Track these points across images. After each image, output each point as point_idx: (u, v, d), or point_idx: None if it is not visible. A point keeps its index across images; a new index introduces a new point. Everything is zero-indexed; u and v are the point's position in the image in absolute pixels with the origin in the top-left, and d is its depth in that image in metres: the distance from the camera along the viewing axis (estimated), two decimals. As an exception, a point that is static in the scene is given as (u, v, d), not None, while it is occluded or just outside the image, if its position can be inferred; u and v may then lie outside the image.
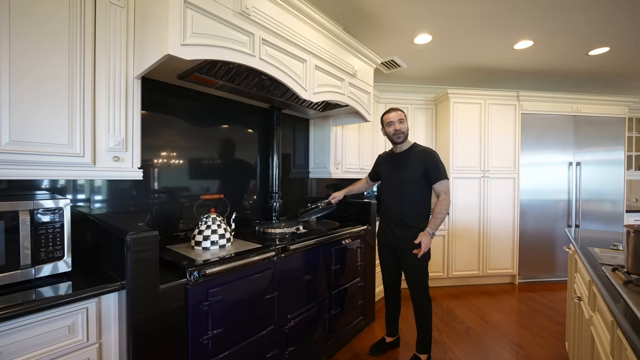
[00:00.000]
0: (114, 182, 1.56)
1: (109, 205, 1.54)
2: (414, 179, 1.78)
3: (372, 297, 2.38)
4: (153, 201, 1.69)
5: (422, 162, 1.76)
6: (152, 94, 1.66)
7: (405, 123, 1.82)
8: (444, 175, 1.75)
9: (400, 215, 1.81)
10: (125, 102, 1.29)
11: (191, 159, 1.85)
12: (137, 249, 1.00)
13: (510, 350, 2.00)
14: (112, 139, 1.25)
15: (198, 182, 1.89)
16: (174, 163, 1.77)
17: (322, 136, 2.60)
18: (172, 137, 1.76)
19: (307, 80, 1.69)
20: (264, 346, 1.45)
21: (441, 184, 1.75)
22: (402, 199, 1.81)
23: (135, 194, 1.63)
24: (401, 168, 1.83)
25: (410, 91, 3.60)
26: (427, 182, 1.77)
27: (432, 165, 1.74)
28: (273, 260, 1.50)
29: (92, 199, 1.50)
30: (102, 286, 1.00)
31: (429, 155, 1.77)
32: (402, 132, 1.80)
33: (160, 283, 1.08)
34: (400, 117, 1.81)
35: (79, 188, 1.46)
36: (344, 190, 2.22)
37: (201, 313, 1.18)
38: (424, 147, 1.83)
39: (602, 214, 3.32)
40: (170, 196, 1.76)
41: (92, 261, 1.28)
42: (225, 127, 2.03)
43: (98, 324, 1.01)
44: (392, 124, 1.81)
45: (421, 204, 1.80)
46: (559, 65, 2.97)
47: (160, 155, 1.71)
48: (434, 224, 1.70)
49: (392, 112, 1.83)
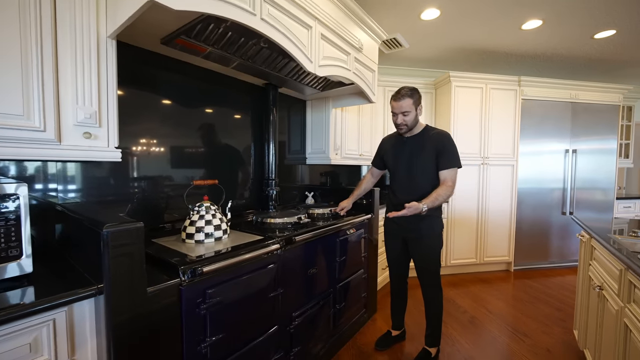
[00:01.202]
0: (88, 168, 1.32)
1: (83, 194, 1.31)
2: (428, 164, 1.62)
3: (374, 288, 2.28)
4: (134, 189, 1.47)
5: (435, 146, 1.61)
6: (133, 64, 1.41)
7: (410, 114, 1.59)
8: (456, 162, 1.60)
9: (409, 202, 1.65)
10: (97, 66, 1.05)
11: (177, 142, 1.62)
12: (117, 245, 0.80)
13: (517, 340, 1.96)
14: (82, 111, 1.02)
15: (184, 168, 1.66)
16: (157, 147, 1.54)
17: (321, 119, 2.41)
18: (154, 117, 1.52)
19: (313, 51, 1.49)
20: (268, 349, 1.29)
21: (450, 171, 1.59)
22: (414, 186, 1.66)
23: (113, 181, 1.40)
24: (414, 152, 1.67)
25: (410, 74, 3.45)
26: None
27: (447, 149, 1.59)
28: (277, 253, 1.33)
29: (62, 187, 1.26)
30: (73, 292, 0.80)
31: (444, 139, 1.62)
32: (405, 125, 1.62)
33: (148, 285, 0.89)
34: (404, 110, 1.58)
35: (46, 174, 1.22)
36: (352, 197, 1.98)
37: (198, 318, 1.00)
38: (439, 130, 1.67)
39: (594, 201, 3.36)
40: (153, 184, 1.53)
41: (61, 260, 1.06)
42: (215, 106, 1.80)
43: (70, 338, 0.81)
44: (395, 115, 1.62)
45: (430, 190, 1.61)
46: (561, 49, 2.89)
47: (142, 137, 1.47)
48: (429, 201, 1.51)
49: (397, 102, 1.59)
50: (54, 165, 1.24)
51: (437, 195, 1.55)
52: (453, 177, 1.59)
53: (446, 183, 1.58)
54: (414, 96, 1.60)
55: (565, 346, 1.88)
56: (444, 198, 1.56)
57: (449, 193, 1.58)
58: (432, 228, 1.66)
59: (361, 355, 1.81)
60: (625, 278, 1.15)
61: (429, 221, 1.64)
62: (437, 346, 1.77)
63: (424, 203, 1.51)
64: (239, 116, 1.95)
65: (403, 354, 1.83)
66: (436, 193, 1.55)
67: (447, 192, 1.57)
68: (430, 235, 1.66)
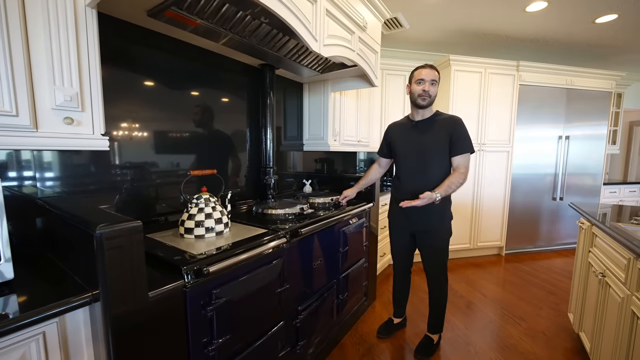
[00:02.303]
0: (72, 156, 1.19)
1: (67, 184, 1.18)
2: (440, 150, 1.55)
3: (374, 276, 2.27)
4: (122, 179, 1.34)
5: (447, 130, 1.54)
6: (116, 40, 1.25)
7: (436, 86, 1.56)
8: (469, 147, 1.54)
9: (420, 190, 1.56)
10: (76, 40, 0.91)
11: (168, 127, 1.48)
12: (113, 247, 0.70)
13: (513, 323, 2.01)
14: (60, 92, 0.88)
15: (177, 155, 1.54)
16: (146, 133, 1.40)
17: (319, 103, 2.30)
18: (142, 100, 1.37)
19: (318, 28, 1.37)
20: (274, 345, 1.25)
21: (463, 157, 1.54)
22: (425, 174, 1.58)
23: (99, 170, 1.27)
24: (424, 137, 1.59)
25: (409, 57, 3.34)
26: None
27: (460, 133, 1.53)
28: (283, 247, 1.26)
29: (42, 176, 1.12)
30: (65, 301, 0.71)
31: (456, 124, 1.55)
32: (429, 96, 1.54)
33: (150, 289, 0.80)
34: (433, 78, 1.53)
35: (23, 162, 1.08)
36: (357, 187, 1.91)
37: (204, 320, 0.93)
38: (450, 115, 1.61)
39: (583, 187, 3.44)
40: (143, 173, 1.41)
41: (45, 262, 0.95)
42: (208, 88, 1.65)
43: (63, 351, 0.73)
44: (422, 82, 1.53)
45: (442, 178, 1.57)
46: (562, 34, 2.85)
47: (130, 122, 1.33)
48: (442, 190, 1.48)
49: (427, 69, 1.54)
50: (32, 154, 1.10)
51: (450, 183, 1.49)
52: (466, 163, 1.54)
53: (459, 170, 1.53)
54: (440, 72, 1.61)
55: (560, 329, 1.94)
56: (457, 186, 1.51)
57: (462, 180, 1.52)
58: (442, 219, 1.62)
59: (363, 342, 1.81)
60: (634, 267, 1.15)
61: (440, 212, 1.59)
62: (440, 332, 1.78)
63: (437, 192, 1.47)
64: (234, 99, 1.81)
65: (405, 341, 1.84)
66: (449, 181, 1.50)
67: (460, 180, 1.51)
68: (440, 227, 1.63)
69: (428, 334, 1.77)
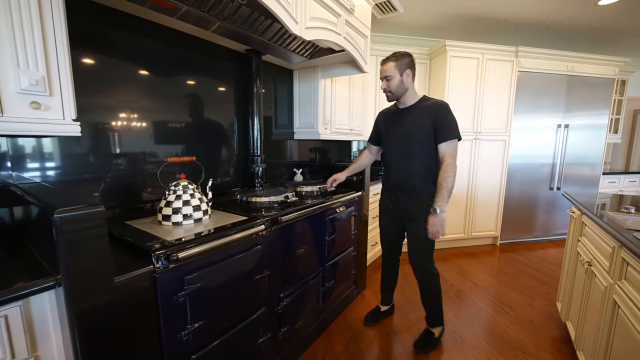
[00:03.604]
0: (56, 143, 1.18)
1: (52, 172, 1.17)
2: (423, 137, 1.50)
3: (364, 264, 2.27)
4: (108, 167, 1.33)
5: (431, 116, 1.48)
6: (93, 25, 1.22)
7: (393, 80, 1.49)
8: (453, 133, 1.46)
9: (406, 182, 1.57)
10: (40, 21, 0.88)
11: (154, 115, 1.46)
12: (73, 231, 0.70)
13: (501, 312, 2.01)
14: (25, 76, 0.86)
15: (163, 144, 1.52)
16: (132, 121, 1.38)
17: (309, 90, 2.26)
18: (127, 87, 1.35)
19: (298, 10, 1.33)
20: (255, 331, 1.26)
21: (448, 144, 1.46)
22: (408, 162, 1.55)
23: (84, 158, 1.25)
24: (407, 125, 1.55)
25: (404, 43, 3.26)
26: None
27: (444, 119, 1.46)
28: (262, 234, 1.26)
29: (20, 164, 1.11)
30: (27, 285, 0.71)
31: (439, 109, 1.48)
32: (389, 91, 1.51)
33: (116, 274, 0.80)
34: (386, 74, 1.48)
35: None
36: (347, 171, 1.86)
37: (176, 306, 0.94)
38: (435, 100, 1.53)
39: (582, 177, 3.39)
40: (129, 160, 1.40)
41: (17, 249, 0.95)
42: (193, 76, 1.62)
43: (28, 334, 0.73)
44: (382, 80, 1.53)
45: (434, 167, 1.52)
46: (562, 17, 2.75)
47: (114, 110, 1.31)
48: (440, 199, 1.42)
49: (381, 66, 1.51)
50: (7, 141, 1.09)
51: (440, 187, 1.43)
52: (452, 151, 1.46)
53: (445, 160, 1.46)
54: (399, 60, 1.48)
55: (548, 317, 1.94)
56: (449, 184, 1.42)
57: (451, 172, 1.44)
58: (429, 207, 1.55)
59: (350, 330, 1.83)
60: (618, 255, 1.13)
61: (427, 200, 1.53)
62: (441, 325, 1.72)
63: (438, 204, 1.41)
64: (220, 87, 1.78)
65: (392, 329, 1.85)
66: (438, 186, 1.44)
67: (448, 173, 1.43)
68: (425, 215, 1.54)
69: (429, 327, 1.72)
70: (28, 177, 1.13)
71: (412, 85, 1.53)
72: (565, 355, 1.60)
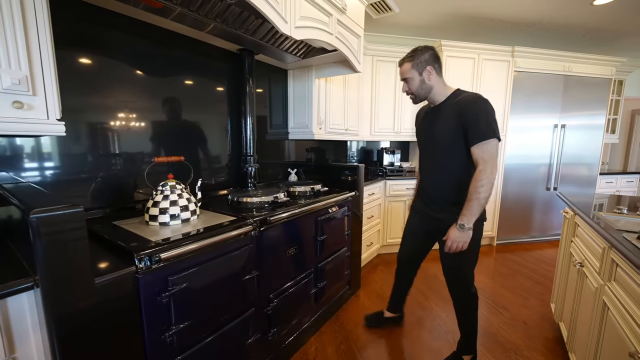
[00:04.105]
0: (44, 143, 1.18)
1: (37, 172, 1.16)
2: (450, 140, 1.28)
3: (358, 265, 2.26)
4: (99, 167, 1.33)
5: (457, 114, 1.25)
6: (82, 25, 1.21)
7: (413, 81, 1.34)
8: (485, 132, 1.20)
9: (431, 189, 1.41)
10: (23, 20, 0.88)
11: (145, 115, 1.45)
12: (51, 232, 0.69)
13: (495, 313, 2.00)
14: (7, 75, 0.86)
15: (155, 143, 1.51)
16: (124, 121, 1.38)
17: (303, 90, 2.25)
18: (120, 87, 1.34)
19: (288, 9, 1.32)
20: (243, 332, 1.25)
21: (480, 146, 1.20)
22: (433, 168, 1.39)
23: (74, 158, 1.25)
24: (435, 125, 1.35)
25: (400, 43, 3.25)
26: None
27: (474, 115, 1.21)
28: (251, 235, 1.25)
29: (7, 163, 1.11)
30: (4, 285, 0.70)
31: (468, 105, 1.23)
32: (412, 94, 1.38)
33: (97, 274, 0.79)
34: (404, 76, 1.36)
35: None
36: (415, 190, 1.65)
37: (160, 307, 0.93)
38: (465, 94, 1.29)
39: (579, 177, 3.38)
40: (120, 160, 1.39)
41: (1, 250, 0.94)
42: (185, 76, 1.61)
43: (6, 335, 0.73)
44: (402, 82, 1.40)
45: (467, 175, 1.27)
46: (558, 17, 2.74)
47: (106, 110, 1.31)
48: (468, 212, 1.21)
49: (399, 67, 1.39)
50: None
51: (474, 194, 1.20)
52: (485, 154, 1.20)
53: (478, 165, 1.21)
54: (415, 58, 1.32)
55: (542, 318, 1.93)
56: (480, 195, 1.20)
57: (485, 180, 1.19)
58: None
59: (343, 330, 1.82)
60: (607, 256, 1.12)
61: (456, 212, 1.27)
62: (472, 354, 1.51)
63: (465, 218, 1.21)
64: (213, 87, 1.77)
65: (386, 331, 1.83)
66: (468, 195, 1.22)
67: (482, 181, 1.19)
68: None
69: (456, 351, 1.53)
70: (16, 177, 1.13)
71: (438, 82, 1.34)
72: (558, 356, 1.59)
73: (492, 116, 1.24)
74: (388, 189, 2.86)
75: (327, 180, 2.22)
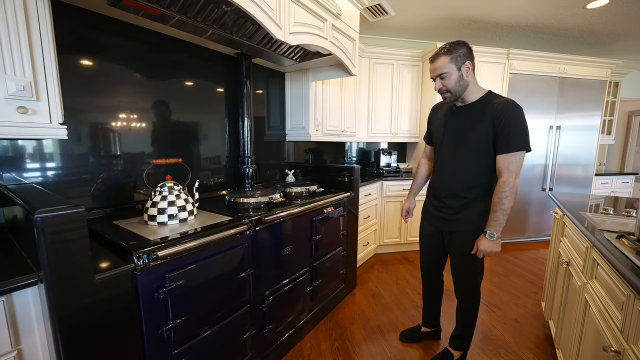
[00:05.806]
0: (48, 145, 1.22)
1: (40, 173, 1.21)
2: (479, 143, 1.26)
3: (354, 264, 2.30)
4: (100, 168, 1.37)
5: (492, 119, 1.22)
6: (82, 30, 1.26)
7: (451, 77, 1.25)
8: (518, 143, 1.19)
9: (450, 191, 1.37)
10: (27, 28, 0.92)
11: (145, 117, 1.50)
12: (54, 231, 0.73)
13: (488, 311, 2.04)
14: (12, 82, 0.90)
15: (154, 145, 1.56)
16: (124, 122, 1.42)
17: (300, 92, 2.29)
18: (116, 90, 1.39)
19: (282, 15, 1.36)
20: (239, 328, 1.29)
21: (508, 157, 1.20)
22: (456, 171, 1.34)
23: (76, 159, 1.29)
24: (462, 127, 1.31)
25: (396, 45, 3.29)
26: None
27: (504, 124, 1.19)
28: (246, 234, 1.29)
29: (11, 165, 1.15)
30: (10, 281, 0.75)
31: (503, 110, 1.20)
32: (447, 92, 1.29)
33: (98, 271, 0.84)
34: (440, 72, 1.26)
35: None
36: (411, 194, 1.65)
37: (157, 302, 0.97)
38: (502, 99, 1.25)
39: (574, 178, 3.41)
40: (120, 162, 1.44)
41: (7, 247, 0.99)
42: (185, 79, 1.66)
43: (12, 327, 0.77)
44: (433, 79, 1.32)
45: (488, 181, 1.29)
46: (553, 20, 2.77)
47: (106, 112, 1.35)
48: (494, 222, 1.23)
49: (431, 64, 1.30)
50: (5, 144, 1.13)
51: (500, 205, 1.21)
52: (511, 166, 1.20)
53: (502, 176, 1.22)
54: (454, 51, 1.23)
55: (533, 317, 1.97)
56: (509, 202, 1.21)
57: (509, 191, 1.20)
58: (472, 217, 1.33)
59: (338, 328, 1.86)
60: (590, 255, 1.16)
61: (472, 208, 1.30)
62: (463, 351, 1.54)
63: (492, 228, 1.23)
64: (212, 89, 1.82)
65: (379, 327, 1.87)
66: (496, 204, 1.22)
67: (505, 192, 1.20)
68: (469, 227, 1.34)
69: (448, 347, 1.56)
70: (19, 178, 1.17)
71: (473, 79, 1.29)
72: (547, 353, 1.62)
73: (527, 127, 1.23)
74: (384, 189, 2.89)
75: (324, 181, 2.26)
